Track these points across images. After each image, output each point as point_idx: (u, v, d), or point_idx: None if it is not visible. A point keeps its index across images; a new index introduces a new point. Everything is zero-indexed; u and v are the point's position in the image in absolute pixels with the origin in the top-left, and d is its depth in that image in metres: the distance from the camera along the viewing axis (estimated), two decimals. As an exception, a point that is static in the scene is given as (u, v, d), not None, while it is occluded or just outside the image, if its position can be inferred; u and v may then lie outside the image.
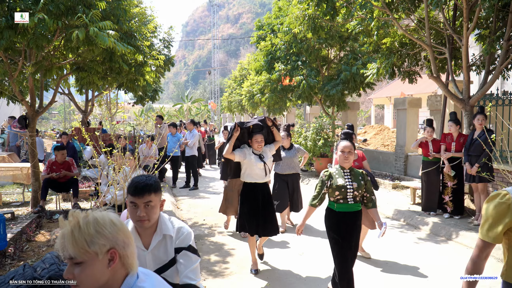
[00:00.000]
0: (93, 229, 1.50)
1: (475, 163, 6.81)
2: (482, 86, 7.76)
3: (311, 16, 9.60)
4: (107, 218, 1.56)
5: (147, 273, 1.73)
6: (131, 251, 1.60)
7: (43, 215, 7.21)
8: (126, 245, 1.58)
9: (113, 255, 1.54)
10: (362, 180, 4.00)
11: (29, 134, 7.76)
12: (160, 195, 2.44)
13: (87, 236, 1.48)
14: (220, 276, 5.09)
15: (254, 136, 4.98)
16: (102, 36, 5.66)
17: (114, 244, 1.54)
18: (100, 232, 1.51)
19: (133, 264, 1.62)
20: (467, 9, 7.17)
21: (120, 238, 1.56)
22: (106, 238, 1.52)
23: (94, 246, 1.49)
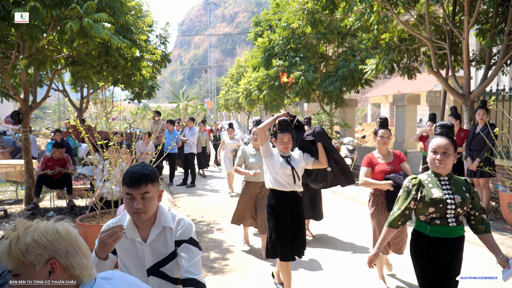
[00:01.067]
0: (31, 238, 1.38)
1: (476, 158, 6.73)
2: (482, 81, 7.68)
3: (310, 10, 9.49)
4: (50, 227, 1.44)
5: (110, 276, 1.60)
6: (77, 261, 1.46)
7: (37, 212, 7.06)
8: (71, 255, 1.44)
9: (53, 265, 1.41)
10: (468, 192, 2.83)
11: (23, 129, 7.60)
12: (158, 185, 2.29)
13: (23, 246, 1.36)
14: (220, 273, 4.97)
15: (280, 136, 4.18)
16: (97, 27, 5.52)
17: (53, 253, 1.41)
18: (38, 241, 1.38)
19: (82, 275, 1.48)
20: (468, 3, 7.08)
21: (61, 247, 1.42)
22: (44, 247, 1.39)
23: (30, 256, 1.37)
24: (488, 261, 5.29)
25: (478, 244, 5.95)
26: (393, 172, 4.29)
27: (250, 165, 5.58)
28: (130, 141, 12.36)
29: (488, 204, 6.89)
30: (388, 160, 4.39)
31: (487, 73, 7.81)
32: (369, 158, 4.43)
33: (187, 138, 11.35)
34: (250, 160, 5.62)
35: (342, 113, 13.93)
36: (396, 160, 4.38)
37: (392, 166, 4.33)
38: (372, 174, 4.36)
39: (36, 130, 28.67)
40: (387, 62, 8.98)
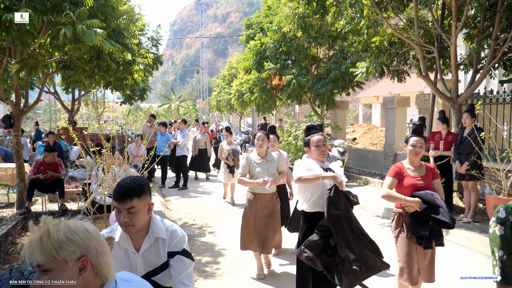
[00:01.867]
0: (63, 235, 1.42)
1: (465, 161, 6.86)
2: (470, 85, 7.82)
3: (301, 15, 9.58)
4: (80, 225, 1.48)
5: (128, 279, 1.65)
6: (105, 261, 1.51)
7: (28, 216, 7.05)
8: (100, 254, 1.50)
9: (84, 263, 1.45)
10: None
11: (14, 133, 7.59)
12: (146, 199, 2.30)
13: (56, 242, 1.40)
14: (212, 277, 5.03)
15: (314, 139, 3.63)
16: (90, 34, 5.54)
17: (85, 252, 1.45)
18: (71, 238, 1.42)
19: (108, 274, 1.53)
20: (456, 8, 7.21)
21: (92, 245, 1.47)
22: (77, 245, 1.43)
23: (63, 253, 1.40)
24: (487, 261, 5.40)
25: (470, 248, 6.08)
26: (424, 189, 3.62)
27: (256, 175, 4.88)
28: (122, 145, 12.37)
29: (476, 206, 7.02)
30: (420, 173, 3.74)
31: (475, 77, 7.95)
32: (397, 168, 3.79)
33: (179, 141, 11.36)
34: (256, 169, 4.89)
35: (333, 115, 14.04)
36: (429, 175, 3.74)
37: (423, 181, 3.66)
38: (398, 188, 3.72)
39: (27, 131, 28.46)
40: (377, 65, 9.09)
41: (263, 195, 4.88)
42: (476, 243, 6.01)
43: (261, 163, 4.92)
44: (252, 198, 4.91)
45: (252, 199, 4.91)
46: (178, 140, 11.41)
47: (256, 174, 4.89)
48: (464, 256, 5.70)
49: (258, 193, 4.89)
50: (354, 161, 13.34)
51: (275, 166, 4.99)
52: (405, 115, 11.87)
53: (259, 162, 4.93)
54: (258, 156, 4.99)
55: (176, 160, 11.45)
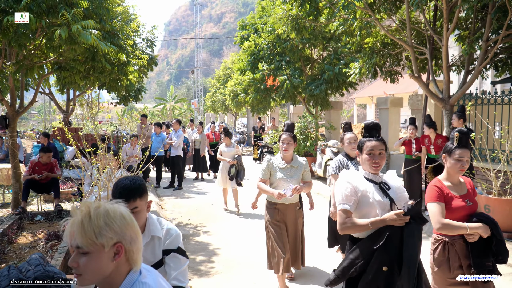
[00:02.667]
0: (103, 221, 1.50)
1: (455, 161, 6.97)
2: (461, 86, 7.93)
3: (295, 17, 9.66)
4: (118, 211, 1.55)
5: (148, 269, 1.73)
6: (137, 247, 1.59)
7: (24, 216, 7.08)
8: (133, 241, 1.58)
9: (119, 249, 1.54)
10: None
11: (10, 134, 7.61)
12: (146, 197, 2.38)
13: (96, 227, 1.48)
14: (206, 276, 5.10)
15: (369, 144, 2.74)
16: (85, 34, 5.59)
17: (121, 238, 1.53)
18: (109, 225, 1.50)
19: (137, 260, 1.61)
20: (447, 10, 7.31)
21: (128, 233, 1.55)
22: (114, 232, 1.51)
23: (102, 238, 1.49)
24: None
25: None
26: (473, 209, 3.02)
27: (277, 182, 4.39)
28: (117, 145, 12.39)
29: (467, 205, 7.12)
30: (461, 192, 3.07)
31: (466, 78, 8.06)
32: (438, 188, 3.06)
33: (173, 141, 11.38)
34: (278, 175, 4.40)
35: (328, 116, 14.14)
36: (471, 192, 3.11)
37: (470, 201, 3.02)
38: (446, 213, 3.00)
39: (21, 131, 28.37)
40: (370, 66, 9.19)
41: (286, 206, 4.41)
42: (466, 241, 6.11)
43: (285, 168, 4.42)
44: (272, 207, 4.44)
45: (272, 209, 4.44)
46: (172, 140, 11.44)
47: (277, 181, 4.40)
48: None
49: (279, 203, 4.39)
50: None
51: (300, 174, 4.47)
52: (398, 115, 11.99)
53: (282, 167, 4.42)
54: (283, 160, 4.47)
55: (171, 160, 11.49)
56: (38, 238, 5.98)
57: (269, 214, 4.49)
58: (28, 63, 6.87)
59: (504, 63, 8.48)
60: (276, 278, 4.58)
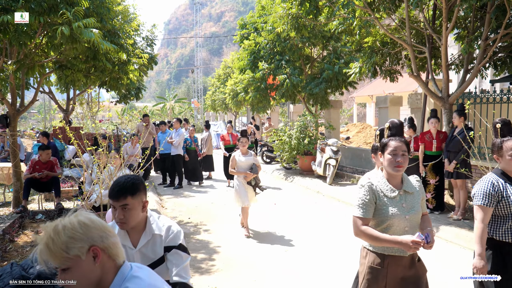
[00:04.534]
0: (65, 236, 1.51)
1: (453, 160, 7.01)
2: (460, 85, 7.95)
3: (295, 15, 9.67)
4: (75, 221, 1.56)
5: (139, 265, 1.76)
6: (112, 242, 1.62)
7: (25, 215, 7.11)
8: (105, 238, 1.60)
9: (95, 251, 1.56)
10: None
11: (10, 133, 7.64)
12: (141, 196, 2.39)
13: (62, 244, 1.50)
14: (207, 274, 5.13)
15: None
16: (87, 32, 5.62)
17: (91, 241, 1.55)
18: (73, 236, 1.52)
19: (118, 253, 1.64)
20: (446, 9, 7.34)
21: (95, 234, 1.57)
22: (81, 240, 1.53)
23: (73, 251, 1.51)
24: (466, 259, 5.53)
25: (460, 245, 6.21)
26: None
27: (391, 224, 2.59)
28: (117, 144, 12.41)
29: (466, 204, 7.16)
30: None
31: (465, 77, 8.08)
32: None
33: (173, 139, 11.35)
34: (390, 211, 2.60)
35: (327, 115, 14.17)
36: None
37: None
38: None
39: (21, 130, 28.39)
40: (370, 65, 9.21)
41: (399, 259, 2.62)
42: (465, 240, 6.15)
43: (396, 198, 2.62)
44: (377, 265, 2.64)
45: (376, 267, 2.64)
46: (173, 139, 11.41)
47: (391, 221, 2.60)
48: (454, 252, 5.83)
49: (390, 255, 2.62)
50: (347, 160, 13.47)
51: (419, 204, 2.69)
52: (398, 114, 12.01)
53: (392, 196, 2.63)
54: (389, 184, 2.66)
55: (171, 159, 11.50)
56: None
57: (371, 273, 2.67)
58: (29, 62, 6.89)
59: (503, 62, 8.51)
60: (275, 275, 4.59)
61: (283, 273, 5.11)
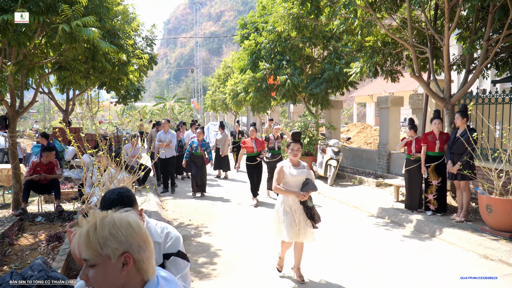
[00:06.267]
0: (108, 231, 1.46)
1: (457, 161, 6.96)
2: (463, 85, 7.91)
3: (296, 15, 9.62)
4: (124, 220, 1.51)
5: (169, 278, 1.69)
6: (146, 256, 1.54)
7: (25, 217, 7.05)
8: (142, 250, 1.53)
9: (127, 259, 1.49)
10: None
11: (10, 135, 7.59)
12: (137, 207, 2.37)
13: (101, 238, 1.45)
14: (208, 278, 5.07)
15: None
16: (86, 30, 5.56)
17: (128, 248, 1.49)
18: (114, 234, 1.47)
19: (148, 269, 1.56)
20: (448, 9, 7.29)
21: (134, 242, 1.51)
22: (120, 242, 1.47)
23: (107, 249, 1.46)
24: (485, 262, 5.49)
25: (463, 247, 6.17)
26: None
27: None
28: (118, 145, 12.33)
29: (468, 205, 7.12)
30: None
31: (467, 78, 8.04)
32: None
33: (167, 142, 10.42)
34: None
35: (328, 115, 14.12)
36: None
37: None
38: None
39: (21, 131, 28.32)
40: (371, 65, 9.17)
41: None
42: (469, 242, 6.10)
43: None
44: None
45: None
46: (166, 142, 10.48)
47: None
48: (457, 255, 5.78)
49: None
50: (348, 160, 13.42)
51: None
52: (398, 114, 11.97)
53: None
54: None
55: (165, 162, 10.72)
56: (39, 240, 5.96)
57: None
58: (29, 63, 6.84)
59: (505, 62, 8.47)
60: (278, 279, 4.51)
61: (286, 276, 5.06)
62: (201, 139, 10.32)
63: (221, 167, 13.18)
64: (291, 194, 4.71)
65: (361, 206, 8.83)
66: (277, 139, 9.86)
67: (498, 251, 5.58)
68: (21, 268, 4.86)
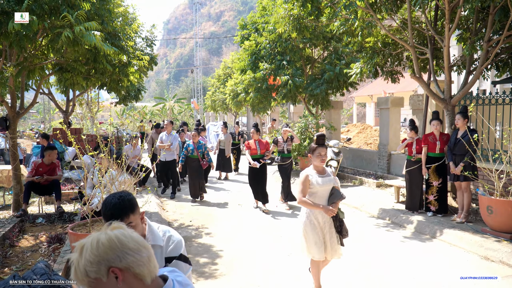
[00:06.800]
0: (84, 259, 1.49)
1: (459, 163, 6.96)
2: (463, 86, 7.92)
3: (296, 16, 9.64)
4: (95, 241, 1.52)
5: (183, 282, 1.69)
6: (132, 260, 1.53)
7: (25, 219, 7.06)
8: (123, 257, 1.52)
9: (114, 272, 1.51)
10: None
11: (10, 136, 7.59)
12: (138, 210, 2.38)
13: (82, 268, 1.49)
14: (210, 278, 5.08)
15: None
16: (89, 35, 5.57)
17: (108, 263, 1.50)
18: (90, 260, 1.49)
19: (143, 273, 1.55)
20: (449, 10, 7.29)
21: (110, 255, 1.51)
22: (98, 263, 1.49)
23: (92, 274, 1.49)
24: (485, 262, 5.49)
25: (464, 248, 6.17)
26: None
27: None
28: (118, 146, 12.31)
29: (469, 206, 7.12)
30: None
31: (468, 79, 8.04)
32: None
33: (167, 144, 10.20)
34: None
35: (328, 115, 14.12)
36: None
37: None
38: None
39: (20, 131, 28.32)
40: (371, 66, 9.17)
41: None
42: (469, 243, 6.11)
43: None
44: None
45: None
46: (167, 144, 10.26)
47: None
48: (458, 256, 5.78)
49: None
50: (348, 161, 13.43)
51: None
52: (399, 115, 11.97)
53: None
54: None
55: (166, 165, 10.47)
56: (40, 241, 5.96)
57: None
58: (29, 64, 6.84)
59: (505, 63, 8.47)
60: (279, 280, 4.52)
61: (287, 277, 5.07)
62: (196, 141, 9.86)
63: (223, 168, 13.12)
64: (319, 209, 4.16)
65: (361, 207, 8.84)
66: (286, 142, 9.25)
67: (499, 252, 5.58)
68: (22, 270, 4.87)
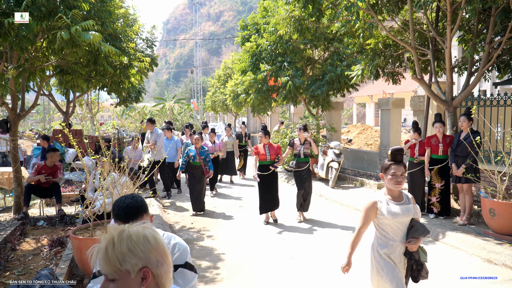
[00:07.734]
0: (126, 247, 1.47)
1: (461, 164, 6.94)
2: (464, 88, 7.90)
3: (297, 18, 9.62)
4: (141, 235, 1.52)
5: None
6: (164, 270, 1.55)
7: (27, 221, 7.03)
8: (160, 264, 1.54)
9: (146, 274, 1.50)
10: None
11: (11, 138, 7.56)
12: (149, 211, 2.40)
13: (120, 254, 1.46)
14: (212, 283, 5.06)
15: None
16: (85, 34, 5.54)
17: (146, 262, 1.50)
18: (133, 250, 1.47)
19: (166, 284, 1.57)
20: (450, 11, 7.27)
21: (153, 257, 1.51)
22: (139, 257, 1.48)
23: (126, 265, 1.46)
24: (485, 262, 5.48)
25: (466, 251, 6.15)
26: None
27: None
28: (119, 146, 12.26)
29: (471, 208, 7.10)
30: None
31: (469, 80, 8.03)
32: None
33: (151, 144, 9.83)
34: None
35: (328, 116, 14.10)
36: None
37: None
38: None
39: (20, 132, 28.27)
40: (373, 67, 9.16)
41: None
42: (472, 245, 6.09)
43: None
44: None
45: None
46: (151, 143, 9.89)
47: None
48: (460, 259, 5.77)
49: None
50: (349, 162, 13.41)
51: None
52: (399, 116, 11.95)
53: None
54: None
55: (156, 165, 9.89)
56: (41, 245, 5.94)
57: None
58: (30, 66, 6.81)
59: (506, 65, 8.45)
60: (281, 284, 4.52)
61: (290, 281, 5.05)
62: (200, 146, 8.86)
63: (227, 171, 12.65)
64: None
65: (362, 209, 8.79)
66: (303, 144, 8.13)
67: (502, 255, 5.56)
68: (24, 274, 4.85)
